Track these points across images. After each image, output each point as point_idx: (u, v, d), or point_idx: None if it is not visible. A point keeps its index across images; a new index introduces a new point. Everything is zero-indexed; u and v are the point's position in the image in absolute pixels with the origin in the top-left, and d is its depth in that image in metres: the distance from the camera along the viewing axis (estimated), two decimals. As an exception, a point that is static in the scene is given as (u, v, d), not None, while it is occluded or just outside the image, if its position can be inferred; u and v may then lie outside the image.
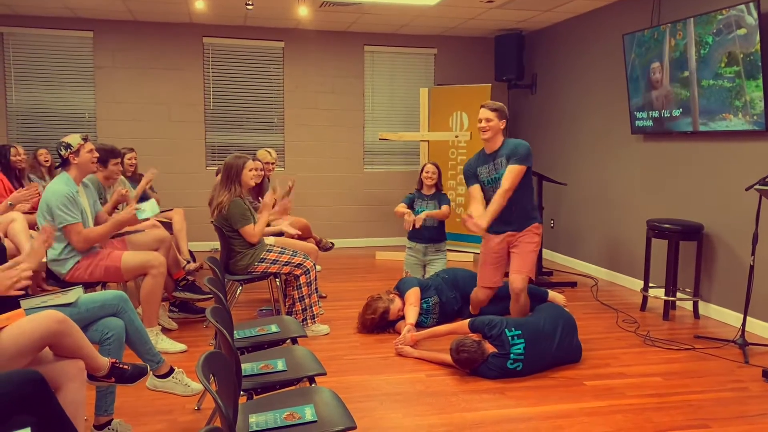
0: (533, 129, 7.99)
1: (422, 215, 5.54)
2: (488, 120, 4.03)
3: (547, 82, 7.68)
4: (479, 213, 3.99)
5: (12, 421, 1.96)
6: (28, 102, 7.40)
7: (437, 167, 5.79)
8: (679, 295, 5.25)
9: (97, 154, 3.87)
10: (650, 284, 5.36)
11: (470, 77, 8.25)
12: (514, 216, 4.10)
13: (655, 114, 5.53)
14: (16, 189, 5.30)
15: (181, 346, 4.12)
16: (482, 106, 4.10)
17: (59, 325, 2.35)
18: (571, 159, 7.17)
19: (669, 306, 5.13)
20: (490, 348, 3.77)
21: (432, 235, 5.69)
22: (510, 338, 3.75)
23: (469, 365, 3.77)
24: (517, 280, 4.08)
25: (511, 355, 3.73)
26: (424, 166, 5.82)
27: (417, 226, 5.52)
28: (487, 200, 4.10)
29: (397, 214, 5.68)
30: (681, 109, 5.24)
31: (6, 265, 2.27)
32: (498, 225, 4.09)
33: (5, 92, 7.29)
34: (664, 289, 5.20)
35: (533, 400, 3.47)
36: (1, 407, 1.95)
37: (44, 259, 3.78)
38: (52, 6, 6.74)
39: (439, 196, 5.72)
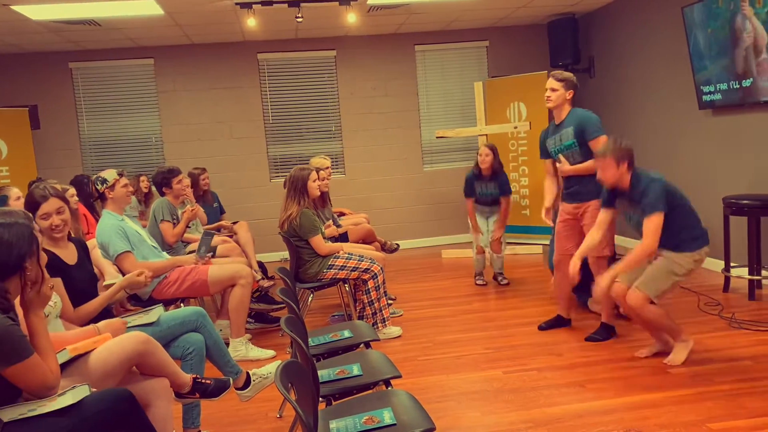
0: (594, 112, 7.75)
1: (495, 235, 5.71)
2: (554, 89, 4.14)
3: (605, 65, 7.46)
4: (550, 199, 4.33)
5: (108, 438, 2.06)
6: (98, 131, 7.76)
7: (491, 148, 5.69)
8: (764, 273, 4.99)
9: (132, 189, 4.07)
10: (731, 264, 5.12)
11: (525, 66, 8.10)
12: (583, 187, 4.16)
13: (724, 86, 5.29)
14: (95, 218, 5.55)
15: (271, 352, 4.29)
16: (550, 75, 4.19)
17: (144, 345, 2.46)
18: (637, 140, 6.90)
19: (754, 285, 4.89)
20: None
21: (493, 201, 5.85)
22: None
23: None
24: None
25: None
26: (479, 148, 5.81)
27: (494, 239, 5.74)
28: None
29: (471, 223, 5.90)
30: (752, 79, 4.99)
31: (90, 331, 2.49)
32: (567, 197, 4.24)
33: (78, 124, 7.68)
34: (747, 269, 4.97)
35: (615, 390, 3.38)
36: (98, 424, 2.06)
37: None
38: (115, 38, 7.05)
39: (499, 178, 5.66)
